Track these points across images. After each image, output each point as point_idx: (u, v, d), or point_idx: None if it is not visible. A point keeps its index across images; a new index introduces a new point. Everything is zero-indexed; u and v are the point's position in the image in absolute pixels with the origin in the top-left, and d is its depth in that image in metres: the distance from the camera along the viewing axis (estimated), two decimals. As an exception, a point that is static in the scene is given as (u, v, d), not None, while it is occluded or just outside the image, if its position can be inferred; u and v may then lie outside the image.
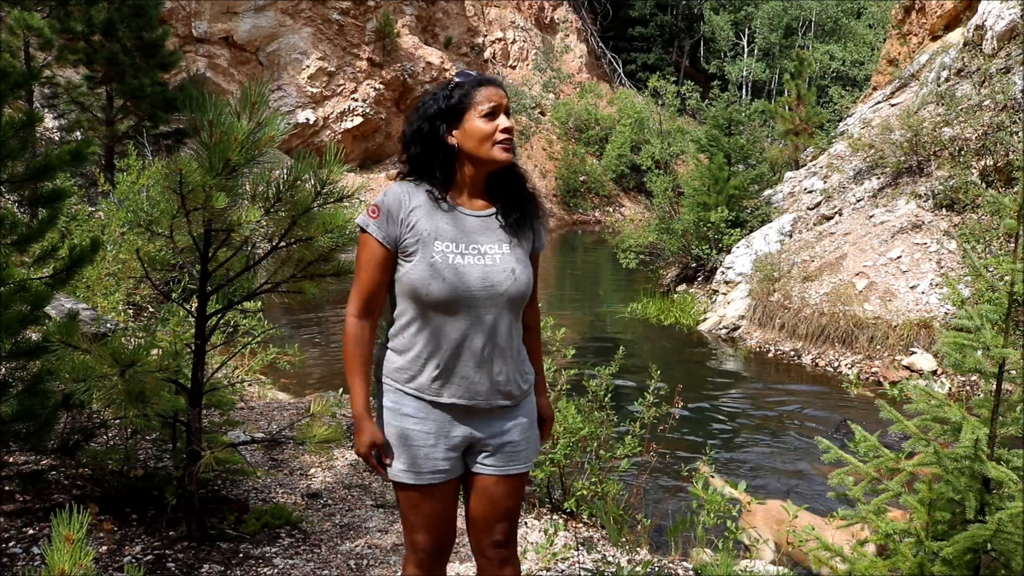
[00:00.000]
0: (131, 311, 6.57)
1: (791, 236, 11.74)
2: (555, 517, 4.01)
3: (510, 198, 2.09)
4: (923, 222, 9.85)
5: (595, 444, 4.12)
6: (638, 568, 3.29)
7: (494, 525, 2.09)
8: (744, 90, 33.02)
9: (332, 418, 5.10)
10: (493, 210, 2.08)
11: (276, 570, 3.07)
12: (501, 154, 2.00)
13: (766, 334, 9.89)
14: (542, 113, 27.39)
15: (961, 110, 10.71)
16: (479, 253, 1.99)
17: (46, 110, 11.52)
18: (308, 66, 21.80)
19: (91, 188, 10.12)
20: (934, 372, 7.96)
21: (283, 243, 2.99)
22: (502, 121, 1.99)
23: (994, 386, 2.22)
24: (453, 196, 2.05)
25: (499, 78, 2.11)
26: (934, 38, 15.27)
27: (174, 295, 4.89)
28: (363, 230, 2.01)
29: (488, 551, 2.12)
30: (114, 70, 11.43)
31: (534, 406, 2.17)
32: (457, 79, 2.04)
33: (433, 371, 1.99)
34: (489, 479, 2.07)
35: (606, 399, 4.32)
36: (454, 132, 2.00)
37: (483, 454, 2.07)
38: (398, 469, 2.02)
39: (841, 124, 16.01)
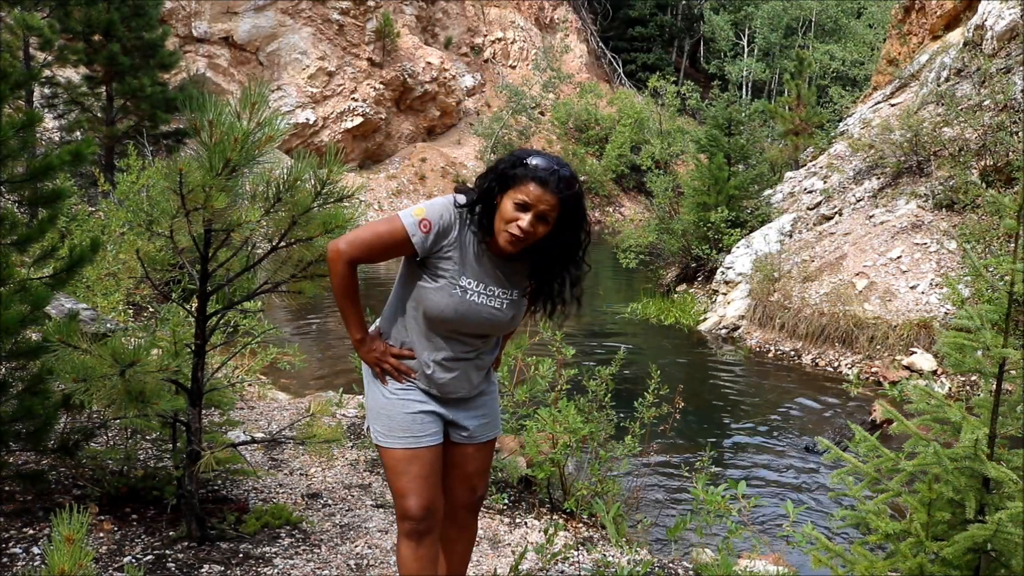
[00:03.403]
0: (131, 311, 6.57)
1: (791, 236, 11.74)
2: (555, 517, 4.01)
3: (546, 270, 2.29)
4: (923, 222, 9.85)
5: (595, 444, 4.13)
6: (638, 568, 3.29)
7: (474, 479, 2.47)
8: (744, 90, 33.03)
9: (332, 418, 5.11)
10: (515, 260, 2.26)
11: (276, 570, 3.07)
12: (504, 242, 2.16)
13: (766, 334, 9.89)
14: (542, 113, 27.39)
15: (961, 110, 10.71)
16: (494, 296, 2.26)
17: (46, 110, 11.53)
18: (308, 66, 21.81)
19: (91, 188, 10.13)
20: (934, 372, 7.96)
21: (283, 243, 2.98)
22: (524, 221, 2.12)
23: (994, 386, 2.22)
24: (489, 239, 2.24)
25: (563, 186, 2.24)
26: (934, 38, 15.28)
27: (174, 295, 4.89)
28: (403, 224, 2.16)
29: (466, 498, 2.48)
30: (114, 70, 11.44)
31: (496, 383, 2.57)
32: (532, 160, 2.14)
33: (428, 372, 2.30)
34: (469, 448, 2.43)
35: (606, 399, 4.32)
36: (498, 196, 2.18)
37: (464, 429, 2.40)
38: (395, 436, 2.28)
39: (841, 124, 16.02)
